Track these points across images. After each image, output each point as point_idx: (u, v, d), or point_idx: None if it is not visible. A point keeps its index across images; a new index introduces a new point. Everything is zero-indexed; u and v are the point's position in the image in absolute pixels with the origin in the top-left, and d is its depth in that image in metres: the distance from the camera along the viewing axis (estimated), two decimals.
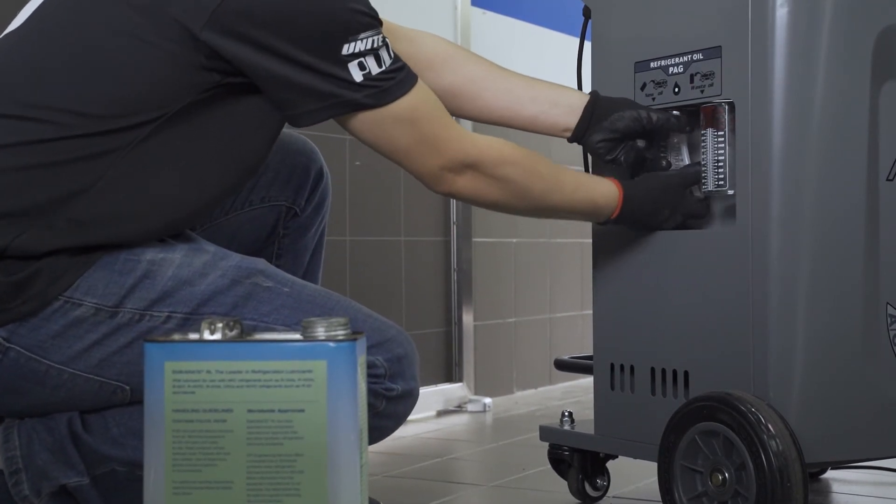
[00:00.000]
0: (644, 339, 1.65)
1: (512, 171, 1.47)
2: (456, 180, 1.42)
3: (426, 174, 1.41)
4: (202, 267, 1.32)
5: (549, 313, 3.45)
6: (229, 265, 1.34)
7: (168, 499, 1.00)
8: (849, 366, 1.51)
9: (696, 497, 1.47)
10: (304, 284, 1.39)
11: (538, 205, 1.52)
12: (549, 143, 3.43)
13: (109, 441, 1.29)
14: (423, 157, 1.39)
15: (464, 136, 1.42)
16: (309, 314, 1.27)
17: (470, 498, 1.93)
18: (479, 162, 1.43)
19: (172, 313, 1.29)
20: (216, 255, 1.35)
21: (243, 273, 1.34)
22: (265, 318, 1.32)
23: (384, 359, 1.34)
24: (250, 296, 1.32)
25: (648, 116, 1.59)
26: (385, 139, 1.37)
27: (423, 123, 1.38)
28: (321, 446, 0.99)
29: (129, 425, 1.30)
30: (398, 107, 1.35)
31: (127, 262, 1.29)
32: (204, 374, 1.00)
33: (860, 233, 1.52)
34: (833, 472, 2.01)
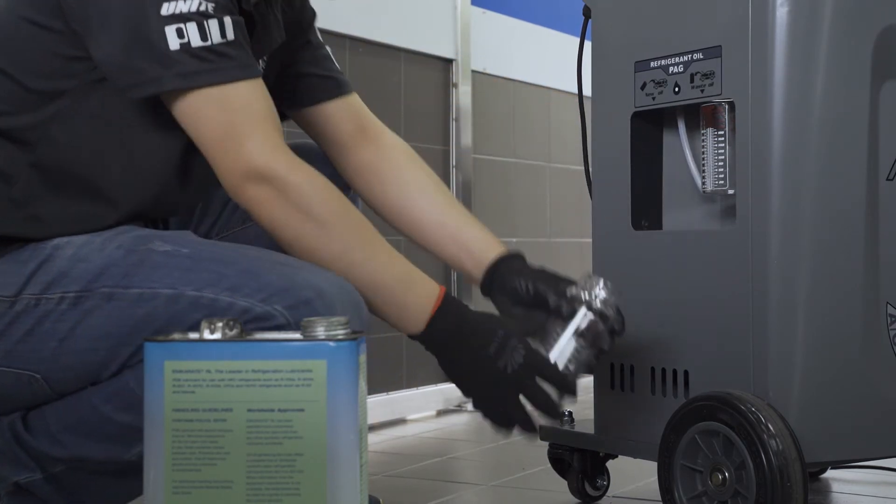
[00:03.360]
0: (644, 339, 1.65)
1: (319, 206, 1.25)
2: (249, 189, 1.23)
3: (225, 174, 1.24)
4: (101, 244, 1.25)
5: None
6: (128, 237, 1.26)
7: (168, 498, 0.99)
8: (849, 365, 1.50)
9: (695, 496, 1.47)
10: (212, 245, 1.29)
11: (338, 259, 1.26)
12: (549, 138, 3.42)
13: (49, 439, 1.26)
14: (227, 153, 1.23)
15: (278, 149, 1.24)
16: (206, 273, 1.21)
17: (470, 497, 1.93)
18: (284, 179, 1.23)
19: (65, 293, 1.23)
20: (120, 231, 1.28)
21: (139, 241, 1.25)
22: (153, 284, 1.21)
23: (284, 306, 1.19)
24: (142, 262, 1.23)
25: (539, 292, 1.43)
26: (191, 125, 1.25)
27: (237, 117, 1.23)
28: (321, 446, 0.99)
29: (63, 421, 1.26)
30: (210, 93, 1.22)
31: (34, 250, 1.25)
32: (204, 374, 1.00)
33: (860, 232, 1.51)
34: (833, 471, 2.01)
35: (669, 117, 1.69)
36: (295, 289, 1.19)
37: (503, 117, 3.29)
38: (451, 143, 3.03)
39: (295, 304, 1.19)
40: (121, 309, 1.21)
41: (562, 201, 3.52)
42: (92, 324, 1.21)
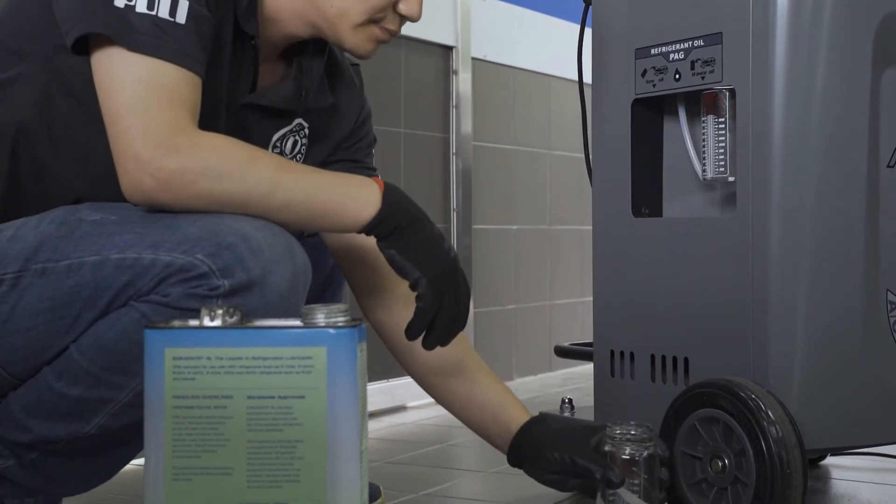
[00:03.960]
0: (644, 326, 1.65)
1: (222, 165, 1.19)
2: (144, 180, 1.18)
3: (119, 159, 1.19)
4: (36, 222, 1.24)
5: (548, 300, 3.46)
6: (58, 212, 1.24)
7: (168, 485, 1.00)
8: (849, 352, 1.51)
9: (695, 483, 1.48)
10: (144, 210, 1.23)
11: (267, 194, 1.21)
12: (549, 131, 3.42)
13: (15, 426, 1.26)
14: (126, 131, 1.18)
15: (181, 131, 1.19)
16: (129, 234, 1.19)
17: (470, 484, 1.94)
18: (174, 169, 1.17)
19: (4, 275, 1.21)
20: (63, 207, 1.26)
21: (69, 212, 1.23)
22: (81, 253, 1.20)
23: (206, 254, 1.16)
24: (72, 233, 1.21)
25: (578, 464, 1.39)
26: (104, 90, 1.20)
27: (151, 95, 1.18)
28: (321, 433, 0.99)
29: (25, 405, 1.25)
30: (135, 61, 1.19)
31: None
32: (204, 361, 1.00)
33: (861, 219, 1.51)
34: (833, 458, 2.01)
35: (670, 104, 1.69)
36: (216, 236, 1.17)
37: (503, 104, 3.28)
38: (451, 130, 3.03)
39: (216, 250, 1.17)
40: (52, 283, 1.20)
41: (562, 189, 3.52)
42: (29, 301, 1.21)
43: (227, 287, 1.17)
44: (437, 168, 2.98)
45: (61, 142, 1.29)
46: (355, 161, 1.57)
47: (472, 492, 1.88)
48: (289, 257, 1.20)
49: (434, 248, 1.28)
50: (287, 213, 1.22)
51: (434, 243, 1.29)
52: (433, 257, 1.28)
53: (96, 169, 1.28)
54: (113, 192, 1.26)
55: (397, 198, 1.27)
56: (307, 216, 1.24)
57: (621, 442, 1.34)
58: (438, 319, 1.29)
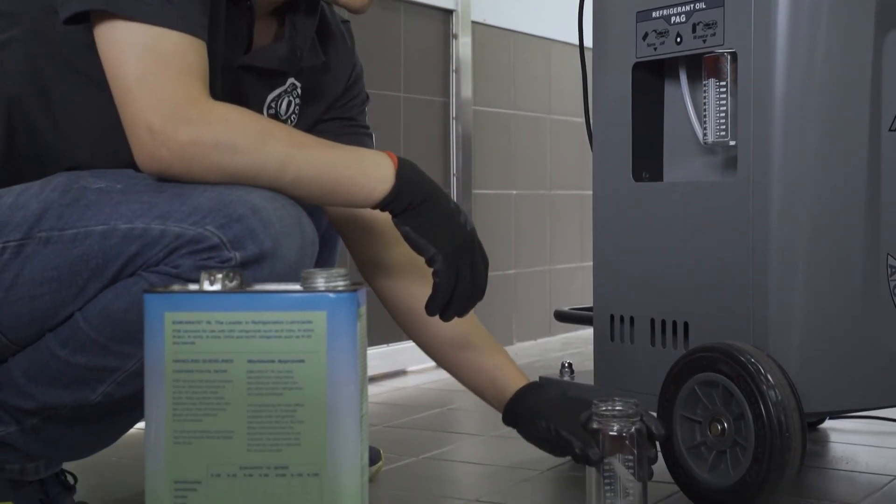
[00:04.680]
0: (644, 291, 1.65)
1: (237, 138, 1.18)
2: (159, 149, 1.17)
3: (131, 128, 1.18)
4: (39, 189, 1.23)
5: (548, 265, 3.46)
6: (60, 179, 1.23)
7: (168, 448, 1.00)
8: (848, 316, 1.51)
9: (694, 447, 1.48)
10: (148, 178, 1.22)
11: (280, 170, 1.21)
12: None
13: (17, 392, 1.26)
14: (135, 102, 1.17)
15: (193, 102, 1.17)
16: (137, 204, 1.19)
17: (469, 448, 1.94)
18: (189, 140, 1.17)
19: (7, 243, 1.21)
20: (58, 175, 1.25)
21: (72, 180, 1.22)
22: (87, 222, 1.19)
23: (216, 225, 1.16)
24: (77, 201, 1.20)
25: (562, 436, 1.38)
26: (110, 63, 1.19)
27: (157, 64, 1.17)
28: (321, 396, 0.99)
29: (28, 372, 1.25)
30: (138, 31, 1.17)
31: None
32: (204, 325, 1.00)
33: (862, 183, 1.51)
34: (831, 421, 2.02)
35: (671, 68, 1.68)
36: (227, 207, 1.17)
37: (503, 69, 3.27)
38: (450, 94, 3.02)
39: (227, 221, 1.16)
40: (58, 252, 1.20)
41: (562, 153, 3.51)
42: (33, 269, 1.20)
43: (238, 259, 1.16)
44: (437, 133, 2.97)
45: (56, 109, 1.28)
46: (349, 119, 1.56)
47: (471, 455, 1.89)
48: (298, 229, 1.20)
49: (449, 223, 1.27)
50: (299, 189, 1.22)
51: (449, 218, 1.28)
52: (449, 233, 1.27)
53: (93, 136, 1.28)
54: (110, 160, 1.26)
55: (411, 173, 1.25)
56: (319, 192, 1.23)
57: (608, 419, 1.35)
58: (456, 294, 1.29)
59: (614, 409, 1.35)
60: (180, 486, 1.00)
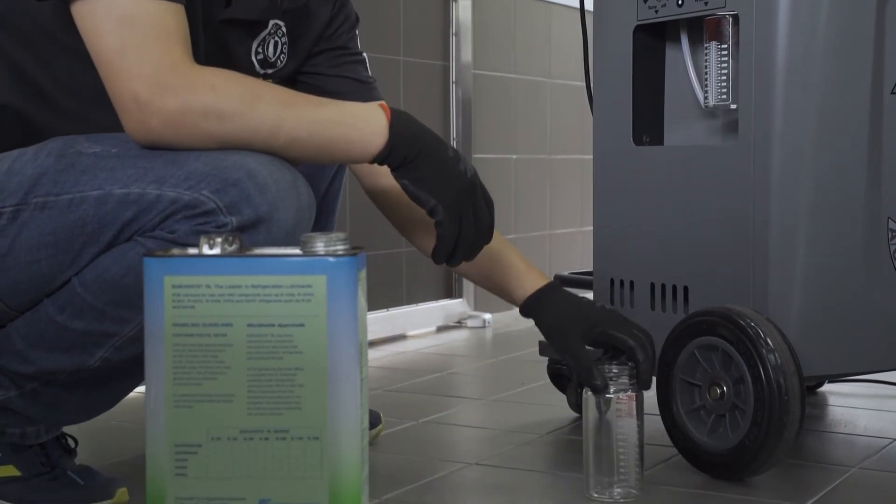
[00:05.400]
0: (644, 255, 1.65)
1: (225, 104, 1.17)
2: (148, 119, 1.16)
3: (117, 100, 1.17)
4: (34, 154, 1.22)
5: (548, 229, 3.45)
6: (56, 144, 1.23)
7: (169, 411, 1.00)
8: (848, 280, 1.51)
9: (694, 410, 1.49)
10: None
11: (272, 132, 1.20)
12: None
13: (16, 357, 1.26)
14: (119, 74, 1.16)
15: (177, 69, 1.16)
16: (132, 168, 1.18)
17: (469, 412, 1.95)
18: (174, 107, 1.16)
19: (3, 209, 1.20)
20: (55, 139, 1.24)
21: (68, 144, 1.22)
22: (82, 187, 1.19)
23: (211, 190, 1.16)
24: (72, 166, 1.20)
25: (567, 361, 1.41)
26: (90, 39, 1.18)
27: (135, 34, 1.16)
28: (321, 360, 0.99)
29: (27, 337, 1.25)
30: (113, 3, 1.16)
31: None
32: (203, 289, 1.00)
33: (863, 147, 1.51)
34: (830, 385, 2.03)
35: (672, 31, 1.67)
36: (222, 172, 1.16)
37: (503, 32, 3.25)
38: (450, 58, 3.00)
39: (222, 186, 1.16)
40: (54, 217, 1.19)
41: (562, 117, 3.50)
42: (30, 235, 1.20)
43: (234, 224, 1.16)
44: (437, 97, 2.96)
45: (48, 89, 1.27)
46: (340, 48, 1.53)
47: (471, 419, 1.90)
48: (294, 193, 1.19)
49: (448, 172, 1.26)
50: (293, 150, 1.21)
51: (448, 167, 1.26)
52: (448, 182, 1.25)
53: (87, 109, 1.27)
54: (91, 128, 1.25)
55: (406, 125, 1.24)
56: (313, 151, 1.22)
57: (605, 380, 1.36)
58: (460, 242, 1.28)
59: (610, 371, 1.36)
60: (181, 450, 1.00)
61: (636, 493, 1.37)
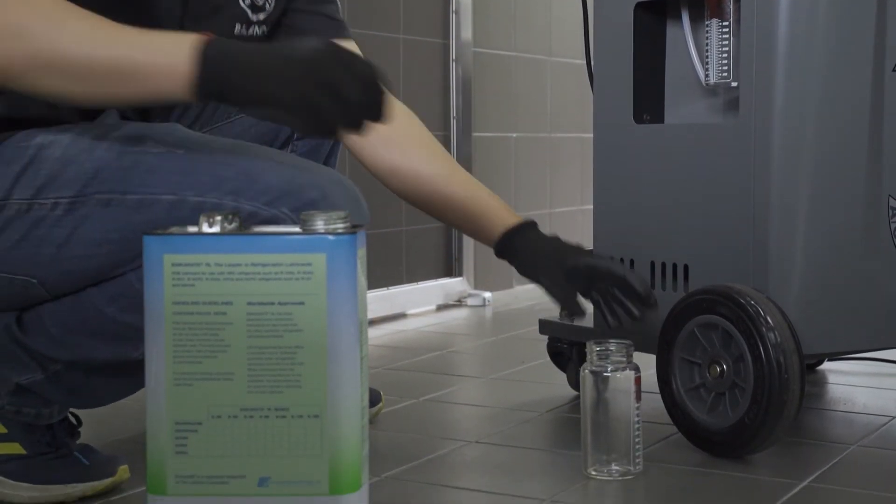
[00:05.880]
0: (644, 233, 1.65)
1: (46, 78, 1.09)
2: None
3: None
4: (90, 143, 1.20)
5: (548, 208, 3.45)
6: (118, 135, 1.21)
7: (169, 389, 1.00)
8: (849, 258, 1.51)
9: (693, 388, 1.49)
10: (204, 143, 1.22)
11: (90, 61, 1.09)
12: (550, 41, 3.37)
13: (51, 342, 1.26)
14: None
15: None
16: (205, 175, 1.17)
17: (469, 390, 1.95)
18: None
19: (59, 199, 1.19)
20: (111, 127, 1.23)
21: (132, 141, 1.20)
22: (153, 189, 1.18)
23: (290, 209, 1.15)
24: (137, 165, 1.18)
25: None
26: None
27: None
28: (321, 339, 1.00)
29: (65, 323, 1.25)
30: None
31: (16, 149, 1.20)
32: (203, 267, 1.00)
33: (864, 125, 1.50)
34: (829, 363, 2.03)
35: (673, 8, 1.66)
36: (299, 190, 1.16)
37: (504, 10, 3.23)
38: (450, 36, 2.99)
39: (301, 205, 1.16)
40: (119, 215, 1.19)
41: (563, 95, 3.49)
42: (90, 230, 1.19)
43: None
44: (437, 75, 2.95)
45: None
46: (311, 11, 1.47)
47: (471, 397, 1.90)
48: (357, 213, 1.21)
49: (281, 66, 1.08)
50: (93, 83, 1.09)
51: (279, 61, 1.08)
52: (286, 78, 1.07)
53: None
54: None
55: (222, 46, 1.08)
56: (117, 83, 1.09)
57: (602, 360, 1.36)
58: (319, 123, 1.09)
59: (607, 349, 1.36)
60: (181, 428, 1.00)
61: (634, 470, 1.37)
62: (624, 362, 1.36)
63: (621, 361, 1.36)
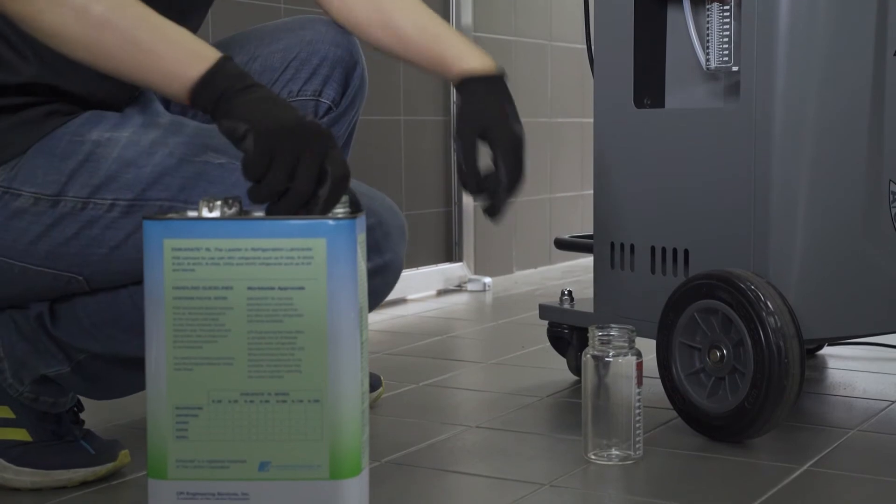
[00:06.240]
0: (644, 218, 1.65)
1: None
2: None
3: None
4: (149, 145, 1.21)
5: (549, 193, 3.45)
6: (178, 141, 1.22)
7: (169, 374, 1.00)
8: (849, 243, 1.51)
9: (693, 373, 1.49)
10: None
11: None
12: (550, 21, 3.37)
13: (82, 333, 1.27)
14: None
15: None
16: None
17: (470, 375, 1.96)
18: None
19: (116, 200, 1.20)
20: (168, 129, 1.23)
21: (193, 150, 1.22)
22: None
23: None
24: (200, 176, 1.21)
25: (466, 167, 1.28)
26: None
27: None
28: (321, 323, 0.99)
29: (100, 316, 1.26)
30: None
31: (70, 144, 1.20)
32: (203, 252, 0.99)
33: (865, 109, 1.50)
34: (829, 348, 2.03)
35: None
36: None
37: None
38: (451, 20, 2.98)
39: None
40: None
41: (563, 80, 3.48)
42: None
43: (368, 270, 1.18)
44: None
45: None
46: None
47: (471, 382, 1.90)
48: (403, 234, 1.27)
49: (274, 106, 1.07)
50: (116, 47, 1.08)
51: (276, 103, 1.07)
52: (267, 113, 1.05)
53: None
54: None
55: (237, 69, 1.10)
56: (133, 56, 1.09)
57: (604, 345, 1.36)
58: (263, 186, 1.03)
59: (608, 334, 1.36)
60: (181, 412, 1.01)
61: (634, 455, 1.37)
62: (626, 347, 1.36)
63: (623, 346, 1.36)
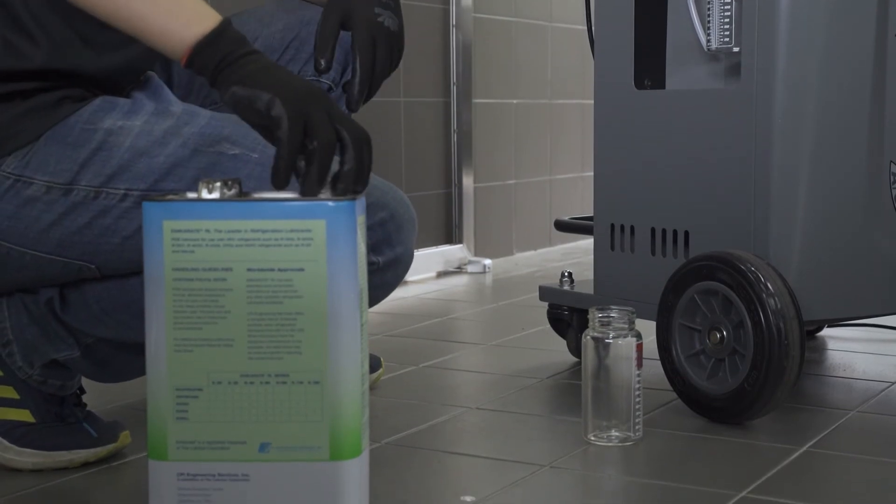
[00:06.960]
0: (645, 200, 1.65)
1: None
2: None
3: None
4: (162, 135, 1.21)
5: (549, 175, 3.44)
6: (192, 131, 1.21)
7: (169, 355, 1.00)
8: (849, 224, 1.51)
9: (693, 355, 1.49)
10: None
11: None
12: None
13: (91, 319, 1.27)
14: None
15: None
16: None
17: (470, 357, 1.96)
18: None
19: (129, 190, 1.20)
20: (181, 118, 1.23)
21: (207, 140, 1.21)
22: None
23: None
24: (214, 166, 1.20)
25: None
26: None
27: None
28: (321, 305, 0.99)
29: (109, 302, 1.26)
30: None
31: (83, 132, 1.20)
32: (203, 233, 0.99)
33: (866, 91, 1.49)
34: (829, 329, 2.03)
35: None
36: (371, 209, 1.22)
37: None
38: (450, 2, 2.97)
39: (372, 225, 1.23)
40: None
41: (564, 61, 3.47)
42: None
43: (381, 263, 1.24)
44: (437, 41, 2.93)
45: None
46: None
47: (471, 364, 1.90)
48: (414, 227, 1.27)
49: (285, 72, 1.07)
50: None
51: (283, 70, 1.07)
52: (285, 79, 1.05)
53: None
54: None
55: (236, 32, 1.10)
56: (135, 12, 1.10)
57: (604, 326, 1.36)
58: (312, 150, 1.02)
59: (608, 315, 1.37)
60: (182, 394, 1.01)
61: (634, 436, 1.37)
62: (626, 329, 1.36)
63: (623, 328, 1.36)
